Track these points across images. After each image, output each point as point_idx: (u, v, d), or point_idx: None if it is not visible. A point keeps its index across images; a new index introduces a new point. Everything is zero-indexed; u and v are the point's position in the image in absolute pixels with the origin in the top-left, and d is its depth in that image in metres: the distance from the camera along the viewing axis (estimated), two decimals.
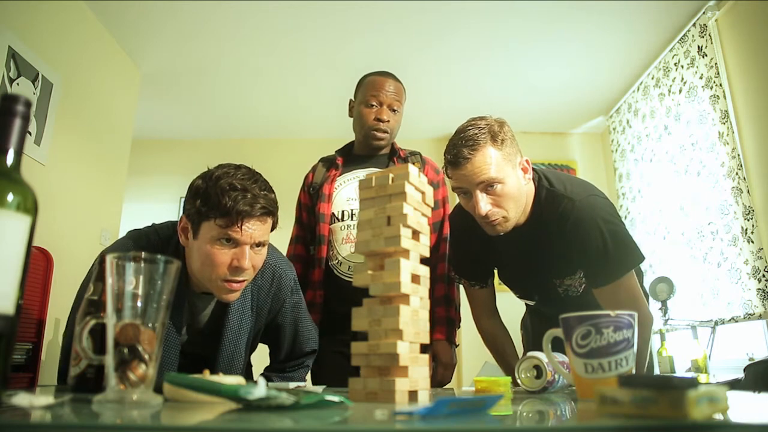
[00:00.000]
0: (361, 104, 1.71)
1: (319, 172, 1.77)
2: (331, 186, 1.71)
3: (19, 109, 0.56)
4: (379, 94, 1.67)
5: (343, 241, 1.66)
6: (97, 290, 0.77)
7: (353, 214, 1.67)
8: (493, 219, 1.20)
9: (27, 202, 0.55)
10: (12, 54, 2.24)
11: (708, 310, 2.74)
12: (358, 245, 0.74)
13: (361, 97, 1.72)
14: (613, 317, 0.72)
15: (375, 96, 1.68)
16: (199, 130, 4.35)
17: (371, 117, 1.67)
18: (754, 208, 2.49)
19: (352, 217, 1.67)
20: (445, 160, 1.24)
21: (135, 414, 0.50)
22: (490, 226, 1.23)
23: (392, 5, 2.84)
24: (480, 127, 1.22)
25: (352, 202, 1.69)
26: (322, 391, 0.77)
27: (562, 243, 1.24)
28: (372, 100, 1.68)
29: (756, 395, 0.76)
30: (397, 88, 1.71)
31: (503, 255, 1.40)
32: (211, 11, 2.89)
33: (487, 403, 0.52)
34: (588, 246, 1.19)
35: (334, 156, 1.80)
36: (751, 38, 2.59)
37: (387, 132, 1.69)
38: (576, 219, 1.20)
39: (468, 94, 3.72)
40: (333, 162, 1.78)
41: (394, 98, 1.69)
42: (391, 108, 1.68)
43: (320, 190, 1.71)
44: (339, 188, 1.72)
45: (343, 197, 1.70)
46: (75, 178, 2.73)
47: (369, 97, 1.68)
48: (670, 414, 0.40)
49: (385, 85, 1.69)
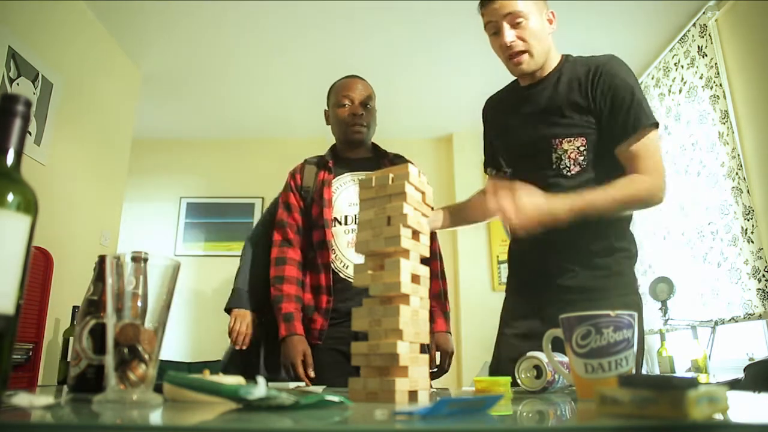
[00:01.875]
0: (334, 107, 1.76)
1: (309, 175, 1.76)
2: (329, 190, 1.70)
3: (19, 109, 0.56)
4: (350, 94, 1.74)
5: (348, 245, 1.66)
6: (97, 290, 0.77)
7: (357, 218, 1.68)
8: (516, 50, 1.30)
9: (27, 202, 0.55)
10: (12, 54, 2.24)
11: (708, 310, 2.74)
12: (358, 245, 0.74)
13: (333, 101, 1.78)
14: (613, 317, 0.72)
15: (346, 96, 1.74)
16: (199, 130, 4.35)
17: (346, 113, 1.73)
18: (754, 208, 2.49)
19: (356, 221, 1.68)
20: (479, 2, 1.35)
21: (135, 414, 0.50)
22: (513, 64, 1.32)
23: (393, 6, 2.84)
24: None
25: (354, 207, 1.69)
26: (322, 391, 0.77)
27: (585, 93, 1.29)
28: (344, 100, 1.73)
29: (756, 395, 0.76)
30: (365, 87, 1.77)
31: (516, 116, 1.40)
32: (212, 12, 2.89)
33: (487, 403, 0.52)
34: (617, 94, 1.25)
35: (323, 158, 1.79)
36: (751, 38, 2.59)
37: (364, 125, 1.74)
38: (609, 70, 1.29)
39: (468, 94, 3.72)
40: (323, 165, 1.76)
41: (365, 95, 1.75)
42: (363, 104, 1.73)
43: (319, 194, 1.70)
44: (338, 191, 1.72)
45: (344, 201, 1.70)
46: (75, 178, 2.73)
47: (341, 98, 1.74)
48: (670, 414, 0.40)
49: (354, 86, 1.76)
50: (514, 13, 1.29)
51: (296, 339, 1.57)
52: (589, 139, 1.27)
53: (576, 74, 1.33)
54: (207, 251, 4.24)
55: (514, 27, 1.30)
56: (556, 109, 1.31)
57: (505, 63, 1.36)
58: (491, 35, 1.36)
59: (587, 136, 1.27)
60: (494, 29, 1.33)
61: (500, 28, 1.31)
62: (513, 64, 1.33)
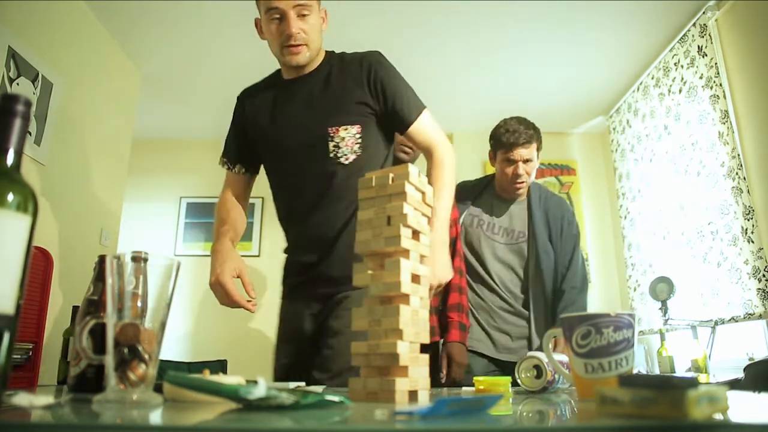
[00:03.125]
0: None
1: None
2: None
3: (19, 109, 0.56)
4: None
5: None
6: (97, 290, 0.77)
7: None
8: (297, 42, 1.34)
9: (27, 202, 0.55)
10: (12, 54, 2.24)
11: (708, 310, 2.74)
12: (358, 245, 0.74)
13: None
14: (613, 317, 0.72)
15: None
16: (199, 130, 4.35)
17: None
18: (754, 208, 2.49)
19: None
20: None
21: (135, 414, 0.50)
22: (290, 53, 1.35)
23: (394, 7, 2.84)
24: None
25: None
26: (322, 391, 0.77)
27: (360, 84, 1.37)
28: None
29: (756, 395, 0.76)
30: None
31: (287, 108, 1.44)
32: (212, 12, 2.89)
33: (487, 403, 0.52)
34: (392, 84, 1.39)
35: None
36: (751, 38, 2.59)
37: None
38: (379, 63, 1.40)
39: (468, 95, 3.72)
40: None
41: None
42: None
43: None
44: None
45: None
46: (75, 178, 2.73)
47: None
48: (670, 414, 0.40)
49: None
50: (302, 5, 1.32)
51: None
52: (364, 126, 1.36)
53: (347, 67, 1.41)
54: (207, 251, 4.23)
55: (300, 18, 1.33)
56: (332, 99, 1.38)
57: (277, 51, 1.38)
58: (271, 20, 1.35)
59: (362, 123, 1.36)
60: (278, 15, 1.33)
61: (286, 15, 1.32)
62: (290, 53, 1.36)
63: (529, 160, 1.94)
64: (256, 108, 1.49)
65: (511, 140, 1.92)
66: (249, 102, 1.52)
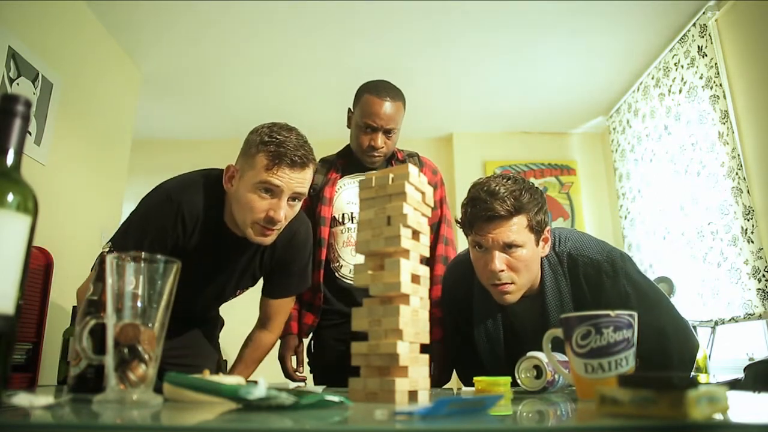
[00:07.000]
0: (357, 126, 1.68)
1: (319, 174, 1.74)
2: (332, 189, 1.70)
3: (19, 109, 0.56)
4: (375, 120, 1.63)
5: (344, 244, 1.67)
6: (97, 290, 0.77)
7: (353, 217, 1.68)
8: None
9: (27, 202, 0.55)
10: (12, 54, 2.24)
11: (708, 310, 2.74)
12: (358, 245, 0.74)
13: (357, 116, 1.68)
14: (613, 317, 0.72)
15: (370, 121, 1.64)
16: (199, 130, 4.35)
17: (366, 143, 1.66)
18: (754, 208, 2.49)
19: (352, 220, 1.68)
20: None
21: (135, 414, 0.50)
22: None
23: (394, 8, 2.84)
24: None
25: (352, 206, 1.69)
26: (322, 391, 0.77)
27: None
28: (367, 124, 1.64)
29: (756, 395, 0.76)
30: (393, 110, 1.65)
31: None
32: (212, 12, 2.89)
33: (487, 403, 0.52)
34: None
35: (335, 158, 1.79)
36: (751, 38, 2.59)
37: (381, 156, 1.69)
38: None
39: (468, 95, 3.72)
40: (333, 164, 1.77)
41: (390, 121, 1.65)
42: (386, 132, 1.65)
43: (321, 192, 1.70)
44: (340, 191, 1.72)
45: (344, 200, 1.71)
46: (75, 178, 2.73)
47: (365, 119, 1.64)
48: (670, 414, 0.40)
49: (381, 111, 1.63)
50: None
51: (289, 338, 1.67)
52: None
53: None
54: None
55: (289, 205, 1.29)
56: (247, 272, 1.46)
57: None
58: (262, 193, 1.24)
59: None
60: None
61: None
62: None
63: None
64: (188, 238, 1.34)
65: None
66: (186, 219, 1.33)
